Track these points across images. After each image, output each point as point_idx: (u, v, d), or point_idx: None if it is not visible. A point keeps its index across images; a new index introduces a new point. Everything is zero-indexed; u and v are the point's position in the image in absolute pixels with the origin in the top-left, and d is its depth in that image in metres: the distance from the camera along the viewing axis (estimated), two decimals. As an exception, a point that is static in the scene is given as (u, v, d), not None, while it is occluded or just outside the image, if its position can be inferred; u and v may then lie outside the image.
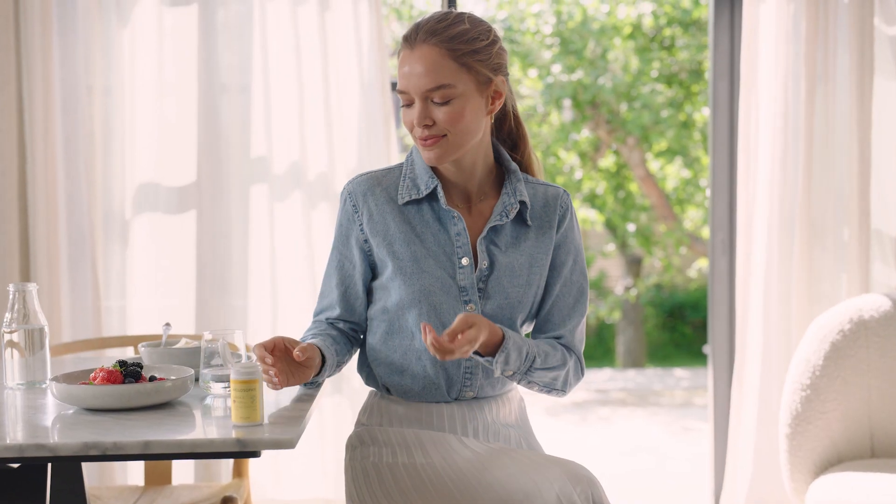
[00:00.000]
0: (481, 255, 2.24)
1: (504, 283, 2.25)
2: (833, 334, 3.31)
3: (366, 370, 2.34)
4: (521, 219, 2.28)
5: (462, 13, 2.20)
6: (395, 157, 3.64)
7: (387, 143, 3.65)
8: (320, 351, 2.19)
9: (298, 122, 3.65)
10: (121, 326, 3.71)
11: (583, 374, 2.32)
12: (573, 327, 2.32)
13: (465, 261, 2.22)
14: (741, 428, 3.80)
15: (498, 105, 2.23)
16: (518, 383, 2.23)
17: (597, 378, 9.65)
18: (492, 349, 2.14)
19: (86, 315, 3.62)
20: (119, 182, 3.67)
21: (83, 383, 2.14)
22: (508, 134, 2.37)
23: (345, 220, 2.29)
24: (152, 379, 2.17)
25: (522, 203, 2.27)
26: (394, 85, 3.91)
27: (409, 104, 2.19)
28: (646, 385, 9.34)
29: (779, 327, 3.77)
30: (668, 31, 9.34)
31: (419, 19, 2.20)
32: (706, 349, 9.72)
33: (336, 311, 2.32)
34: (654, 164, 10.05)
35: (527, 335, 2.35)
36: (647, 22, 9.21)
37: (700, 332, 11.11)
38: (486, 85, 2.19)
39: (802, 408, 3.29)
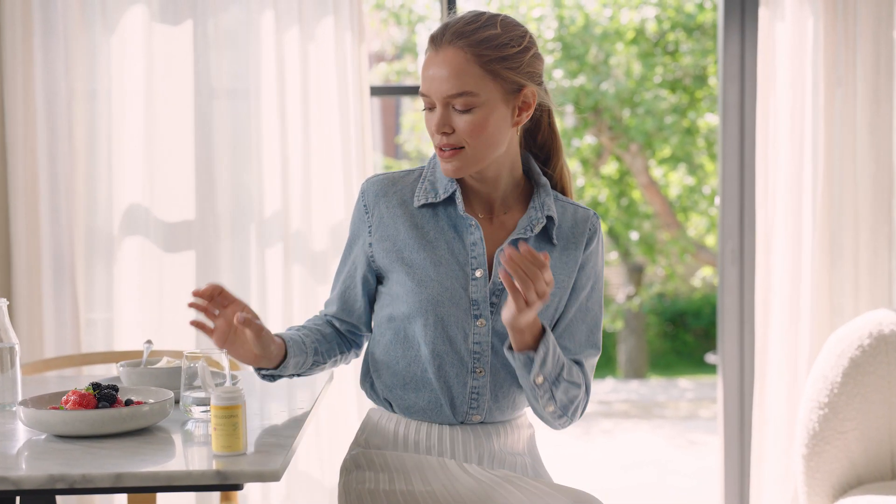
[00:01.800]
0: (497, 267, 2.10)
1: None
2: (852, 349, 3.18)
3: (368, 382, 2.21)
4: (546, 236, 2.14)
5: (496, 15, 2.07)
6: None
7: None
8: (285, 345, 2.07)
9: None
10: (107, 341, 3.57)
11: (584, 411, 2.20)
12: (587, 358, 2.18)
13: (479, 272, 2.09)
14: (764, 447, 3.69)
15: (525, 117, 2.09)
16: (541, 397, 2.07)
17: (599, 389, 9.53)
18: (528, 345, 2.01)
19: (66, 329, 3.48)
20: (105, 195, 3.54)
21: (53, 407, 1.99)
22: (542, 146, 2.23)
23: (356, 219, 2.18)
24: (129, 403, 2.02)
25: (550, 219, 2.13)
26: (371, 89, 3.77)
27: (430, 108, 2.06)
28: (649, 396, 9.22)
29: (798, 342, 3.67)
30: (671, 36, 9.25)
31: (449, 19, 2.07)
32: (709, 357, 9.71)
33: (333, 308, 2.22)
34: (657, 171, 9.95)
35: None
36: (651, 27, 9.12)
37: (702, 339, 11.05)
38: (514, 95, 2.05)
39: (820, 427, 3.16)
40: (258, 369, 2.08)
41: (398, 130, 11.16)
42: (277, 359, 2.05)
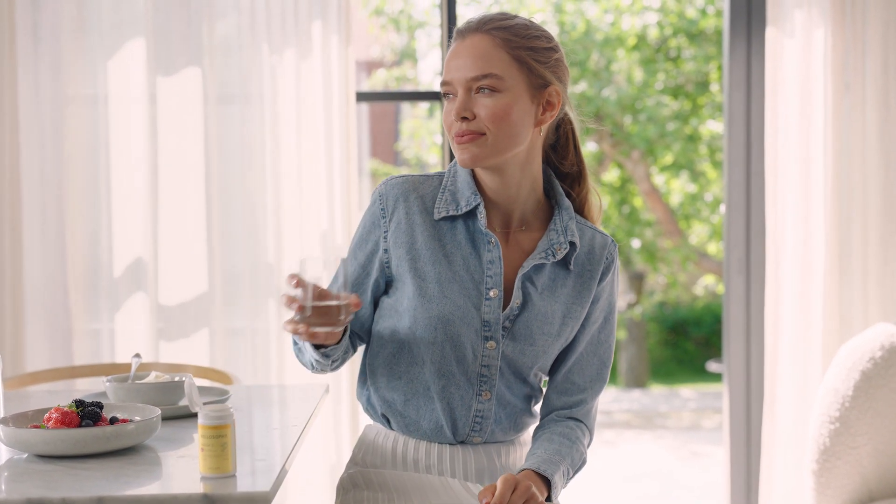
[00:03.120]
0: (517, 291, 2.00)
1: (533, 328, 2.02)
2: (863, 362, 3.09)
3: (365, 396, 2.11)
4: (563, 261, 2.05)
5: (524, 18, 2.00)
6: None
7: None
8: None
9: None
10: (110, 352, 3.48)
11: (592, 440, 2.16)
12: (594, 393, 2.12)
13: (493, 292, 1.99)
14: (773, 462, 3.62)
15: (549, 117, 1.99)
16: None
17: (601, 399, 9.43)
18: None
19: (59, 340, 3.39)
20: (102, 198, 3.46)
21: (34, 426, 1.90)
22: (569, 170, 2.12)
23: (369, 222, 2.05)
24: (113, 420, 1.93)
25: (572, 244, 2.03)
26: (358, 94, 3.70)
27: (452, 98, 1.96)
28: (651, 406, 9.13)
29: (808, 354, 3.61)
30: (673, 42, 9.18)
31: (473, 17, 2.00)
32: (710, 366, 9.64)
33: None
34: (658, 179, 9.88)
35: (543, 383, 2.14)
36: (653, 33, 9.05)
37: (703, 348, 11.00)
38: (540, 90, 1.96)
39: (831, 442, 3.07)
40: (320, 350, 1.93)
41: (398, 137, 11.09)
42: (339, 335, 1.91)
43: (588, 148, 9.53)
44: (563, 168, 2.11)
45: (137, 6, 3.42)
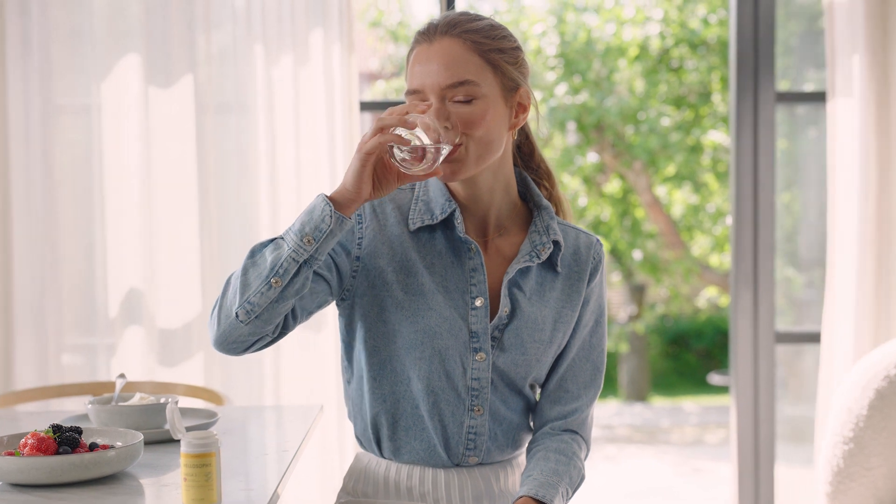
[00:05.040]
0: (504, 299, 1.91)
1: (524, 336, 1.92)
2: (878, 380, 2.99)
3: (351, 421, 2.01)
4: (549, 263, 1.96)
5: (483, 15, 1.92)
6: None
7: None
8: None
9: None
10: (106, 370, 3.38)
11: (589, 451, 2.06)
12: (589, 401, 2.01)
13: (479, 301, 1.89)
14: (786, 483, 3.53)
15: (522, 119, 1.91)
16: None
17: (602, 413, 9.36)
18: None
19: (47, 356, 3.29)
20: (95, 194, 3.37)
21: (9, 453, 1.79)
22: (537, 169, 2.05)
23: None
24: (93, 447, 1.82)
25: (556, 244, 1.95)
26: (361, 104, 3.60)
27: None
28: (653, 420, 9.03)
29: (832, 370, 3.54)
30: (675, 52, 9.11)
31: (434, 18, 1.90)
32: (712, 378, 9.57)
33: None
34: (660, 190, 9.81)
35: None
36: (655, 43, 8.98)
37: (705, 360, 10.93)
38: (512, 92, 1.88)
39: (845, 463, 2.97)
40: (338, 210, 1.75)
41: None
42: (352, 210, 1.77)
43: (589, 159, 9.45)
44: (530, 167, 2.04)
45: (131, 14, 3.33)
